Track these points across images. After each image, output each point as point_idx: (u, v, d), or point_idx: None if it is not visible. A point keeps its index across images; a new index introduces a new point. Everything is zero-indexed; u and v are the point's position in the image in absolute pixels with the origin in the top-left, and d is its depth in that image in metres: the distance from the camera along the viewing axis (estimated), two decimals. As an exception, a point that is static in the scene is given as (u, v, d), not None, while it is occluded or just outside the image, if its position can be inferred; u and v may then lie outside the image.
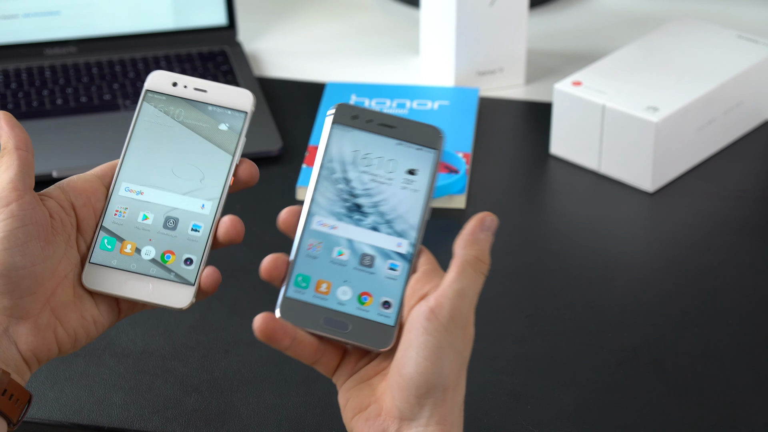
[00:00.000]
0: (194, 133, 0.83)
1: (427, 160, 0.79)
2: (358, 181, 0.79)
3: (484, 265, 0.75)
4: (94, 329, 0.79)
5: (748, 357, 0.96)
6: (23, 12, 1.35)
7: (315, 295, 0.77)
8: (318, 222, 0.78)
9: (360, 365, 0.77)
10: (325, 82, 1.35)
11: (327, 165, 0.79)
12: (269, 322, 0.75)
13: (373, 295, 0.77)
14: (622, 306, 1.02)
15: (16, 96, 1.30)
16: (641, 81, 1.19)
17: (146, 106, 0.84)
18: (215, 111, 0.84)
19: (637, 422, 0.90)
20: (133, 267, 0.81)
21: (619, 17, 1.48)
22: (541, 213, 1.17)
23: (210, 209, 0.82)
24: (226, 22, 1.40)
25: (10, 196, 0.76)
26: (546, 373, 0.95)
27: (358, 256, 0.77)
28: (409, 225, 0.78)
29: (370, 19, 1.50)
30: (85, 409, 0.92)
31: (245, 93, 0.84)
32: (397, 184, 0.79)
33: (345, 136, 0.80)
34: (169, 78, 0.84)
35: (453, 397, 0.72)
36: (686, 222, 1.13)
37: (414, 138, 0.80)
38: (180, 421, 0.91)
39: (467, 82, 1.33)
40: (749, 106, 1.23)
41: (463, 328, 0.73)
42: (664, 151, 1.15)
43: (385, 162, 0.79)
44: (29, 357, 0.77)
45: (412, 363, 0.72)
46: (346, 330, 0.76)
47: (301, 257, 0.78)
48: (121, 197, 0.82)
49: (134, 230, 0.82)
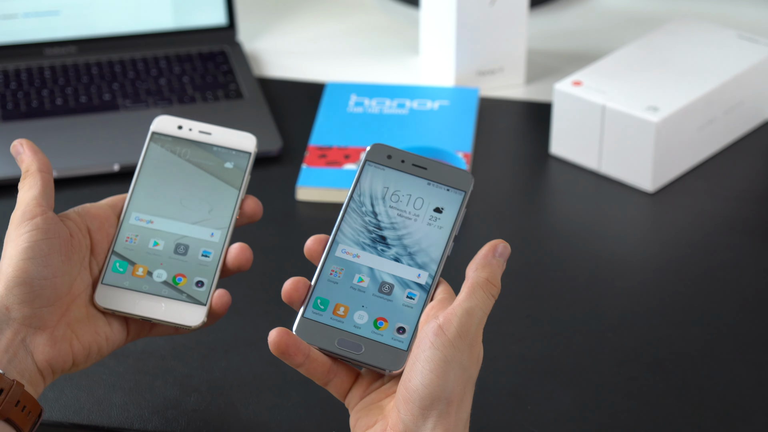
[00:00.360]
0: (201, 169, 0.86)
1: (455, 200, 0.82)
2: (385, 215, 0.82)
3: (494, 287, 0.77)
4: (105, 345, 0.81)
5: (748, 357, 0.96)
6: (23, 12, 1.35)
7: (332, 318, 0.79)
8: (342, 250, 0.81)
9: (372, 389, 0.78)
10: (325, 82, 1.35)
11: (356, 198, 0.82)
12: (283, 336, 0.77)
13: (388, 321, 0.79)
14: (622, 306, 1.02)
15: (16, 96, 1.30)
16: (641, 81, 1.19)
17: (153, 146, 0.86)
18: (220, 151, 0.87)
19: (637, 422, 0.90)
20: (145, 288, 0.83)
21: (619, 17, 1.48)
22: (541, 213, 1.17)
23: (219, 238, 0.84)
24: (226, 22, 1.40)
25: (35, 211, 0.79)
26: (546, 373, 0.95)
27: (378, 284, 0.80)
28: (431, 258, 0.80)
29: (370, 19, 1.50)
30: (84, 410, 0.92)
31: (248, 136, 0.87)
32: (422, 220, 0.81)
33: (377, 174, 0.83)
34: (174, 122, 0.87)
35: (457, 411, 0.74)
36: (686, 222, 1.13)
37: (445, 180, 0.82)
38: (180, 421, 0.91)
39: (467, 82, 1.33)
40: (749, 106, 1.23)
41: (470, 345, 0.75)
42: (664, 151, 1.15)
43: (413, 199, 0.82)
44: (45, 368, 0.78)
45: (418, 375, 0.73)
46: (360, 351, 0.78)
47: (322, 281, 0.80)
48: (131, 225, 0.85)
49: (146, 255, 0.84)
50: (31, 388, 0.77)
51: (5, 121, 1.26)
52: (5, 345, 0.76)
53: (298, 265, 0.90)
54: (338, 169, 1.18)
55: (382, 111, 1.28)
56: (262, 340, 0.90)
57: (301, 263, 0.85)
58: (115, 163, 1.20)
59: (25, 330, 0.77)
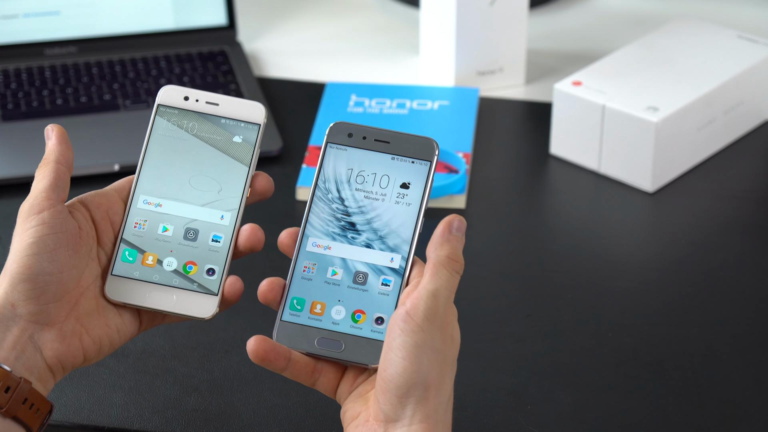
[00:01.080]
0: (209, 145, 0.84)
1: (421, 173, 0.80)
2: (352, 199, 0.81)
3: (457, 263, 0.76)
4: (117, 338, 0.80)
5: (748, 357, 0.96)
6: (23, 12, 1.35)
7: (310, 317, 0.79)
8: (313, 243, 0.80)
9: (359, 381, 0.79)
10: (325, 82, 1.35)
11: (321, 186, 0.81)
12: (261, 344, 0.77)
13: (366, 313, 0.79)
14: (622, 306, 1.02)
15: (16, 96, 1.30)
16: (641, 81, 1.19)
17: (159, 120, 0.84)
18: (228, 123, 0.84)
19: (637, 422, 0.90)
20: (155, 278, 0.81)
21: (619, 17, 1.48)
22: (541, 213, 1.17)
23: (229, 220, 0.82)
24: (226, 22, 1.40)
25: (42, 204, 0.78)
26: (546, 373, 0.95)
27: (352, 275, 0.79)
28: (402, 239, 0.79)
29: (370, 19, 1.50)
30: (85, 409, 0.92)
31: (257, 106, 0.84)
32: (390, 199, 0.80)
33: (340, 156, 0.81)
34: (180, 92, 0.85)
35: (436, 395, 0.74)
36: (686, 222, 1.13)
37: (408, 152, 0.81)
38: (180, 421, 0.91)
39: (467, 82, 1.33)
40: (749, 106, 1.23)
41: (440, 327, 0.74)
42: (664, 151, 1.15)
43: (379, 178, 0.81)
44: (54, 364, 0.77)
45: (391, 364, 0.73)
46: (341, 349, 0.78)
47: (296, 280, 0.80)
48: (139, 210, 0.82)
49: (155, 242, 0.82)
50: (41, 385, 0.76)
51: (5, 121, 1.26)
52: (12, 342, 0.76)
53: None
54: (338, 169, 1.18)
55: (382, 111, 1.28)
56: (262, 340, 0.90)
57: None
58: (116, 163, 1.20)
59: (32, 327, 0.76)
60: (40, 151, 1.22)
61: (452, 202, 1.14)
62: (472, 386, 0.93)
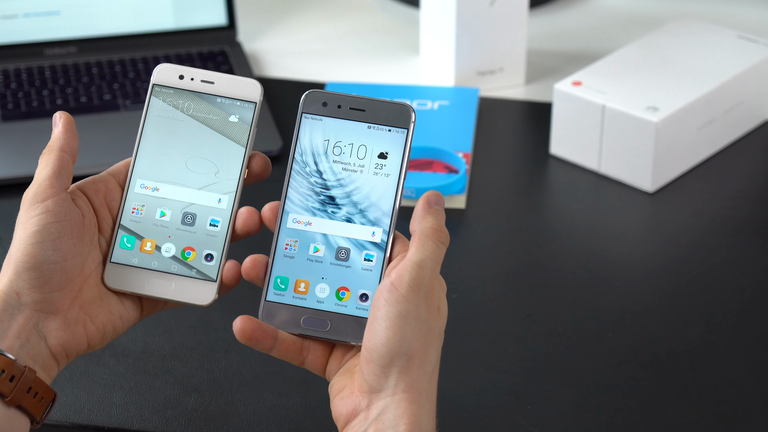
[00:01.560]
0: (205, 126, 0.83)
1: (399, 141, 0.79)
2: (330, 172, 0.79)
3: (442, 234, 0.76)
4: (120, 324, 0.80)
5: (748, 357, 0.96)
6: (23, 12, 1.35)
7: (294, 296, 0.78)
8: (293, 219, 0.79)
9: (347, 358, 0.78)
10: (325, 82, 1.35)
11: (299, 159, 0.80)
12: (247, 323, 0.77)
13: (350, 289, 0.78)
14: (622, 306, 1.02)
15: (16, 96, 1.30)
16: (641, 81, 1.19)
17: (154, 100, 0.83)
18: (224, 103, 0.83)
19: (637, 422, 0.90)
20: (154, 265, 0.81)
21: (619, 17, 1.48)
22: (541, 213, 1.17)
23: (227, 203, 0.82)
24: (226, 22, 1.40)
25: (46, 192, 0.77)
26: (546, 373, 0.95)
27: (334, 251, 0.78)
28: (383, 212, 0.78)
29: (370, 19, 1.50)
30: (85, 409, 0.92)
31: (253, 83, 0.83)
32: (368, 170, 0.79)
33: (316, 126, 0.80)
34: (175, 71, 0.84)
35: (420, 365, 0.73)
36: (686, 222, 1.13)
37: (385, 119, 0.79)
38: (180, 421, 0.91)
39: (467, 82, 1.33)
40: (749, 106, 1.23)
41: (426, 297, 0.74)
42: (664, 151, 1.15)
43: (356, 148, 0.79)
44: (58, 352, 0.77)
45: (375, 334, 0.73)
46: (326, 328, 0.77)
47: (278, 258, 0.79)
48: (137, 194, 0.82)
49: (153, 227, 0.81)
50: (44, 373, 0.76)
51: (5, 121, 1.26)
52: (17, 330, 0.75)
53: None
54: (338, 169, 1.18)
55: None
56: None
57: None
58: (116, 163, 1.20)
59: (37, 315, 0.76)
60: (40, 151, 1.22)
61: (452, 202, 1.14)
62: (472, 386, 0.93)
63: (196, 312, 1.01)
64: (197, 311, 1.01)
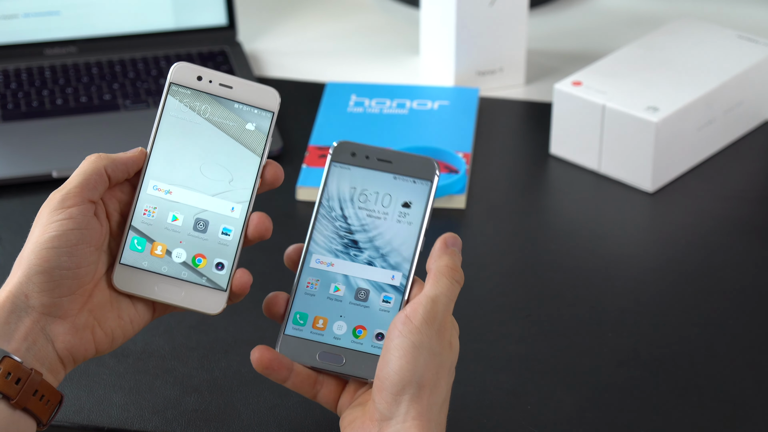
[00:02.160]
0: (221, 131, 0.82)
1: (422, 192, 0.82)
2: (355, 217, 0.82)
3: (457, 273, 0.79)
4: (131, 328, 0.80)
5: (748, 357, 0.96)
6: (23, 12, 1.35)
7: (312, 331, 0.81)
8: (316, 260, 0.82)
9: (359, 393, 0.80)
10: (325, 82, 1.35)
11: (325, 203, 0.83)
12: (265, 353, 0.79)
13: (367, 328, 0.81)
14: (622, 306, 1.02)
15: (16, 96, 1.30)
16: (641, 81, 1.19)
17: (171, 99, 0.82)
18: (242, 109, 0.82)
19: (637, 422, 0.90)
20: (164, 270, 0.80)
21: (619, 17, 1.48)
22: (541, 213, 1.17)
23: (240, 212, 0.81)
24: (226, 22, 1.40)
25: (74, 200, 0.77)
26: (546, 373, 0.95)
27: (354, 291, 0.81)
28: (403, 258, 0.81)
29: (370, 19, 1.50)
30: (85, 409, 0.92)
31: (271, 91, 0.83)
32: (392, 218, 0.82)
33: (344, 174, 0.83)
34: (193, 71, 0.82)
35: (430, 395, 0.75)
36: (686, 222, 1.13)
37: (410, 171, 0.83)
38: (180, 421, 0.91)
39: (467, 82, 1.33)
40: (749, 106, 1.23)
41: (438, 331, 0.76)
42: (664, 151, 1.15)
43: (381, 197, 0.82)
44: (65, 356, 0.77)
45: (387, 363, 0.75)
46: (341, 363, 0.80)
47: (299, 295, 0.82)
48: (149, 196, 0.81)
49: (164, 231, 0.80)
50: (51, 376, 0.76)
51: (5, 121, 1.26)
52: (24, 333, 0.75)
53: (298, 265, 0.90)
54: (338, 169, 1.18)
55: (382, 111, 1.28)
56: (262, 340, 0.90)
57: (301, 263, 0.85)
58: (115, 163, 1.20)
59: (45, 318, 0.76)
60: (40, 151, 1.23)
61: (452, 202, 1.14)
62: (472, 386, 0.93)
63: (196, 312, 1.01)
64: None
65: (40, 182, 1.19)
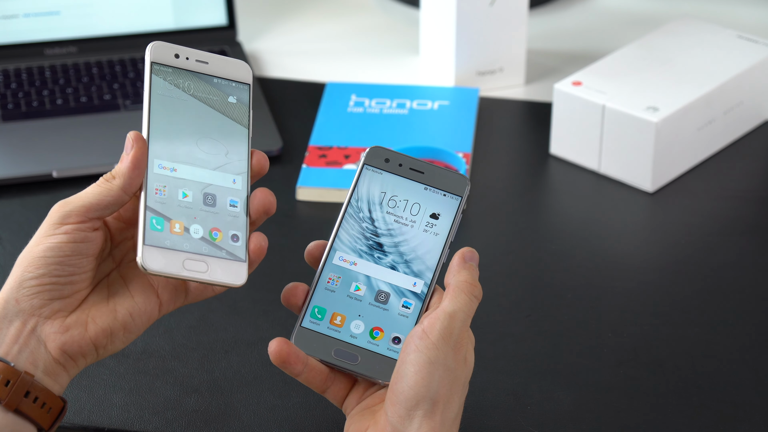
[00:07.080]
0: (208, 106, 0.83)
1: (451, 206, 0.83)
2: (382, 221, 0.83)
3: (476, 288, 0.79)
4: (132, 321, 0.79)
5: (748, 357, 0.96)
6: (23, 12, 1.35)
7: (329, 327, 0.81)
8: (340, 257, 0.82)
9: (367, 394, 0.80)
10: (325, 82, 1.35)
11: (354, 204, 0.83)
12: (283, 347, 0.79)
13: (384, 331, 0.81)
14: (622, 306, 1.02)
15: (16, 96, 1.30)
16: (641, 81, 1.19)
17: (156, 78, 0.82)
18: (221, 83, 0.83)
19: (637, 422, 0.90)
20: (186, 247, 0.79)
21: (619, 17, 1.48)
22: (541, 213, 1.17)
23: (241, 184, 0.82)
24: (226, 22, 1.40)
25: (75, 218, 0.77)
26: (546, 373, 0.95)
27: (374, 293, 0.81)
28: (427, 266, 0.82)
29: (370, 19, 1.50)
30: (85, 410, 0.92)
31: (243, 65, 0.84)
32: (419, 227, 0.83)
33: (375, 178, 0.84)
34: (170, 49, 0.83)
35: (443, 411, 0.75)
36: (686, 222, 1.13)
37: (441, 184, 0.83)
38: (180, 422, 0.91)
39: (467, 82, 1.33)
40: (749, 106, 1.23)
41: (454, 347, 0.76)
42: (664, 151, 1.15)
43: (410, 205, 0.83)
44: (60, 356, 0.77)
45: (403, 378, 0.75)
46: (356, 362, 0.80)
47: (319, 290, 0.82)
48: (157, 175, 0.80)
49: (178, 209, 0.80)
50: (49, 379, 0.76)
51: (5, 121, 1.26)
52: (14, 335, 0.75)
53: (298, 265, 0.90)
54: (338, 169, 1.18)
55: (382, 111, 1.28)
56: (262, 340, 0.90)
57: (301, 263, 0.85)
58: (116, 163, 1.20)
59: (34, 320, 0.76)
60: (40, 151, 1.23)
61: (452, 202, 1.14)
62: (472, 386, 0.93)
63: (196, 312, 1.01)
64: (197, 311, 1.01)
65: (40, 182, 1.19)
